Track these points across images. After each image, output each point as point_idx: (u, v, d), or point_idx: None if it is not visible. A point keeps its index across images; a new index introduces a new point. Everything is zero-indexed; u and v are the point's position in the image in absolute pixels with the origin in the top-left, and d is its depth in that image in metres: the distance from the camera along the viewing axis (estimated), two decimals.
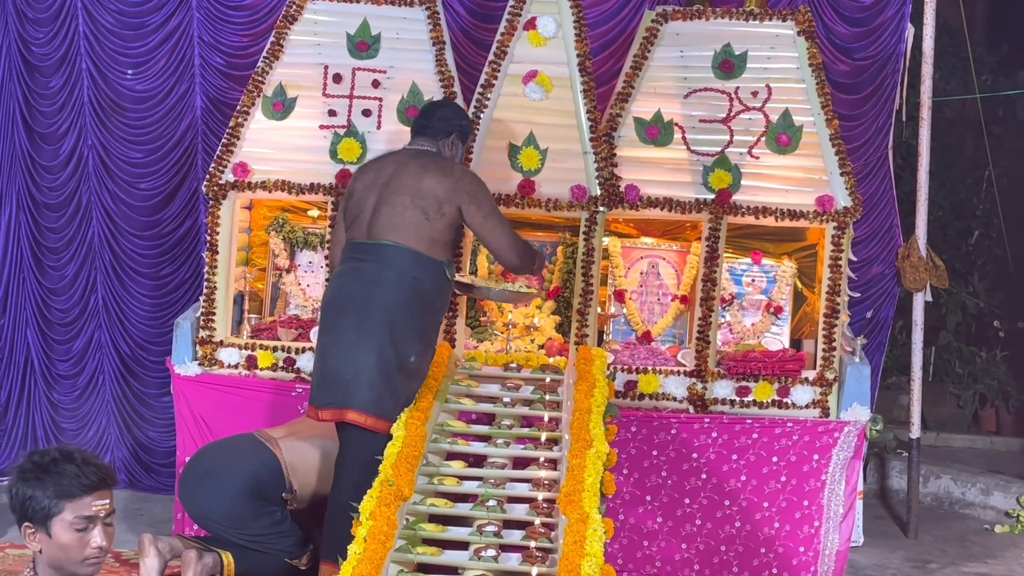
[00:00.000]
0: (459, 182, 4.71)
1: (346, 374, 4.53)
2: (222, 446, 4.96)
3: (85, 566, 2.60)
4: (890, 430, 7.25)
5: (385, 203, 4.68)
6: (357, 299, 4.59)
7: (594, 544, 3.61)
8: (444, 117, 4.92)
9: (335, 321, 4.63)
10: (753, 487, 5.31)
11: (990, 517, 6.88)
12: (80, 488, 2.58)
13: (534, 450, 4.40)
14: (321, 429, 4.82)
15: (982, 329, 8.96)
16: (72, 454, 2.64)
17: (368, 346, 4.53)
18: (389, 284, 4.60)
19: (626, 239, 5.97)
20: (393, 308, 4.56)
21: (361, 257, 4.68)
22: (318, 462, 4.85)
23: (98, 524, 2.60)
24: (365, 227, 4.70)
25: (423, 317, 4.65)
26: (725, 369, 5.48)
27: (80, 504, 2.58)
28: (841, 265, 5.50)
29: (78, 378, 6.44)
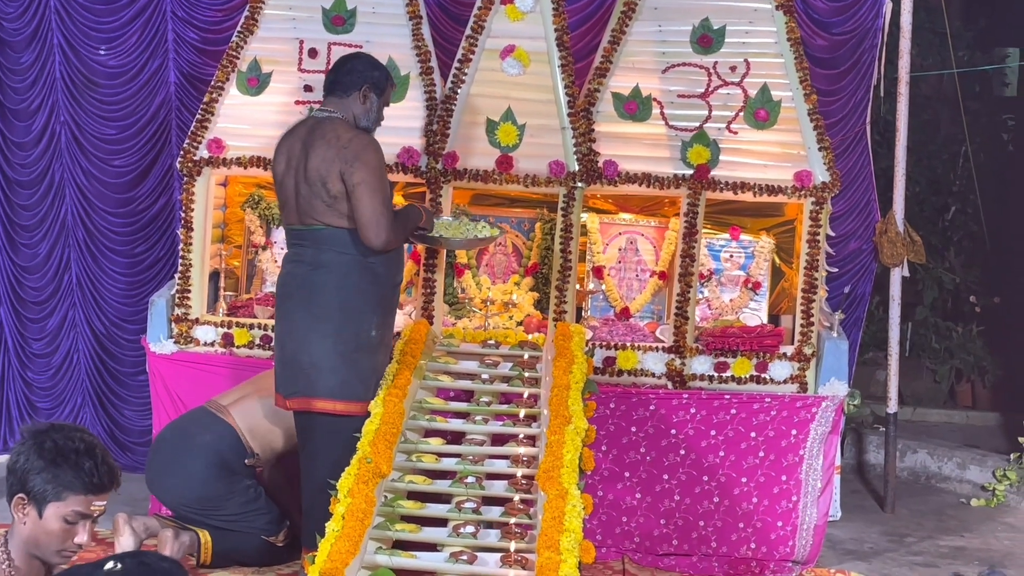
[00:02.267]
0: (343, 149, 4.40)
1: (304, 362, 4.47)
2: (177, 429, 4.93)
3: (59, 556, 2.57)
4: (867, 405, 7.28)
5: (299, 188, 4.50)
6: (302, 284, 4.51)
7: (573, 520, 3.61)
8: (353, 70, 4.60)
9: (286, 309, 4.56)
10: (731, 462, 5.32)
11: (966, 491, 6.92)
12: (88, 487, 2.54)
13: (513, 427, 4.39)
14: (272, 384, 4.76)
15: (958, 304, 9.00)
16: (94, 448, 2.58)
17: (322, 331, 4.45)
18: (331, 266, 4.48)
19: (604, 215, 5.95)
20: (341, 288, 4.47)
21: (298, 242, 4.57)
22: (274, 417, 4.82)
23: (88, 522, 2.58)
24: (294, 213, 4.55)
25: (375, 289, 4.53)
26: (703, 345, 5.48)
27: (82, 500, 2.55)
28: (819, 240, 5.50)
29: (52, 357, 6.38)
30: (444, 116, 5.46)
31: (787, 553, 5.32)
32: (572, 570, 3.38)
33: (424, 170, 5.46)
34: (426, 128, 5.49)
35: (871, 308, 7.03)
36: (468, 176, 5.45)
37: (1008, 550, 5.93)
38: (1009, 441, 7.13)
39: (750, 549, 5.32)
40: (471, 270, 5.88)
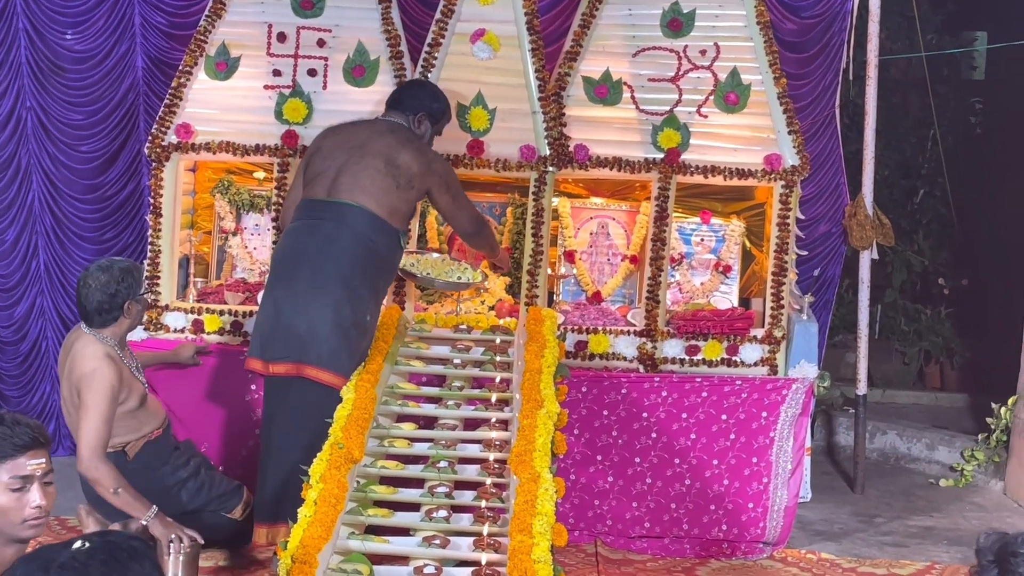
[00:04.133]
0: (432, 164, 4.84)
1: (300, 328, 4.52)
2: None
3: (26, 528, 2.55)
4: (837, 387, 7.33)
5: (354, 164, 4.71)
6: (313, 255, 4.59)
7: (545, 503, 3.62)
8: (416, 96, 5.01)
9: (289, 275, 4.60)
10: (703, 445, 5.35)
11: (935, 471, 6.99)
12: (13, 448, 2.53)
13: (485, 411, 4.39)
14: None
15: (927, 287, 9.07)
16: (2, 417, 2.59)
17: (323, 301, 4.53)
18: (346, 243, 4.61)
19: (575, 199, 5.95)
20: (349, 266, 4.57)
21: (318, 215, 4.67)
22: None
23: (35, 483, 2.56)
24: (327, 185, 4.72)
25: (377, 278, 4.70)
26: (675, 328, 5.50)
27: (15, 464, 2.53)
28: (789, 223, 5.53)
29: (20, 344, 6.33)
30: None
31: (758, 534, 5.35)
32: (544, 553, 3.39)
33: None
34: None
35: (840, 291, 7.07)
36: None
37: (976, 529, 5.98)
38: (977, 422, 7.20)
39: (721, 531, 5.35)
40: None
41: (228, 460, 5.43)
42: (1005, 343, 7.09)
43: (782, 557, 5.35)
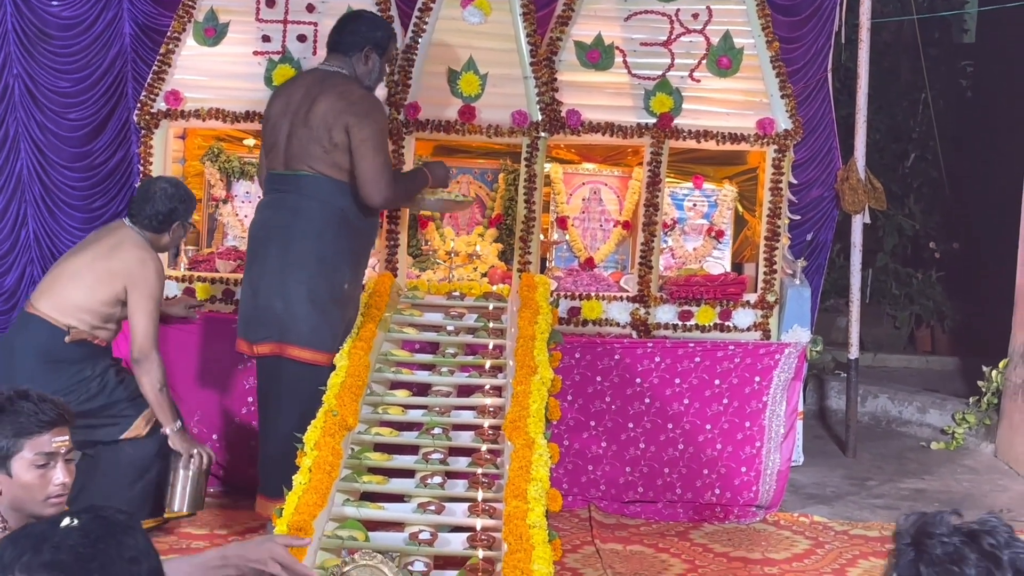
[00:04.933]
0: (351, 104, 4.49)
1: (277, 308, 4.48)
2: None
3: (48, 505, 2.54)
4: (828, 351, 7.36)
5: (299, 130, 4.55)
6: (280, 230, 4.51)
7: (540, 469, 3.62)
8: (355, 31, 4.68)
9: (260, 253, 4.56)
10: (696, 410, 5.36)
11: (926, 434, 7.02)
12: (38, 425, 2.51)
13: (479, 378, 4.39)
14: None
15: (918, 251, 9.09)
16: (27, 392, 2.57)
17: (297, 278, 4.47)
18: (312, 214, 4.51)
19: (568, 165, 5.93)
20: (319, 237, 4.49)
21: (280, 188, 4.59)
22: (77, 279, 4.61)
23: (59, 460, 2.55)
24: (281, 157, 4.60)
25: (351, 243, 4.58)
26: (667, 294, 5.50)
27: (39, 441, 2.52)
28: (781, 188, 5.52)
29: (11, 314, 6.28)
30: (405, 66, 5.40)
31: (751, 498, 5.38)
32: (539, 518, 3.39)
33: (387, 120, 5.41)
34: (388, 78, 5.43)
35: (832, 255, 7.08)
36: (430, 127, 5.40)
37: (967, 492, 6.03)
38: (968, 385, 7.23)
39: (714, 495, 5.38)
40: (435, 222, 5.85)
41: (223, 427, 5.44)
42: (996, 306, 7.11)
43: (775, 520, 5.38)
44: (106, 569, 1.41)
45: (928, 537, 1.92)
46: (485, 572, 3.31)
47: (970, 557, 1.87)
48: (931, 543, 1.91)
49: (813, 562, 4.90)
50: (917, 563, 1.91)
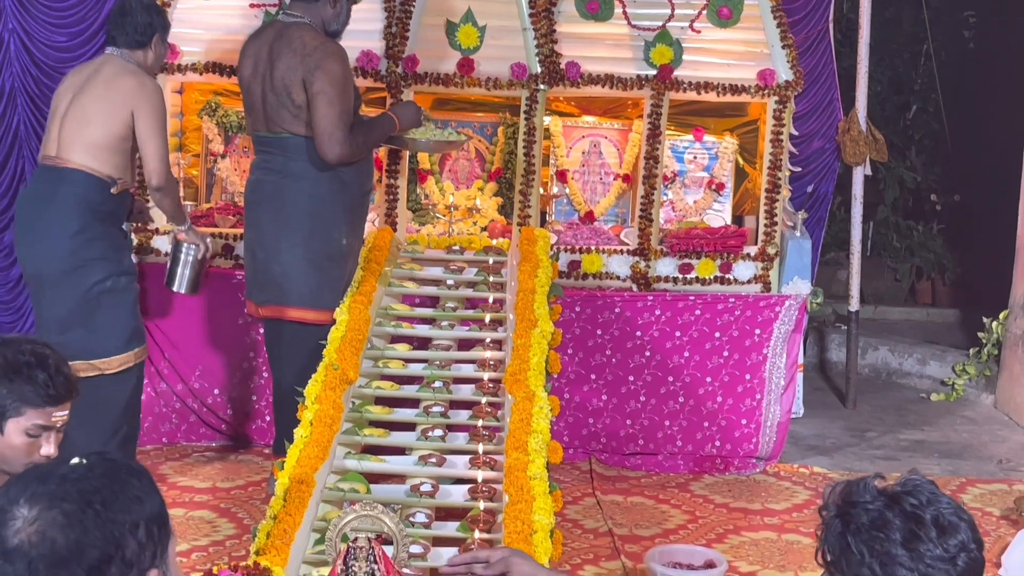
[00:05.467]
0: (305, 59, 4.36)
1: (275, 271, 4.48)
2: (30, 197, 4.58)
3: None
4: (829, 304, 7.35)
5: (266, 97, 4.47)
6: (272, 193, 4.49)
7: (540, 421, 3.63)
8: None
9: (255, 217, 4.54)
10: (696, 363, 5.37)
11: (926, 386, 7.04)
12: (45, 399, 2.50)
13: (479, 331, 4.39)
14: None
15: (919, 203, 9.06)
16: (46, 359, 2.53)
17: (292, 240, 4.45)
18: (301, 173, 4.47)
19: (567, 118, 5.90)
20: (311, 197, 4.46)
21: (267, 150, 4.55)
22: (104, 118, 4.45)
23: (52, 433, 2.55)
24: (262, 120, 4.53)
25: (345, 199, 4.53)
26: (668, 247, 5.49)
27: (41, 413, 2.51)
28: (782, 140, 5.49)
29: (11, 270, 6.27)
30: (403, 18, 5.35)
31: (751, 450, 5.40)
32: (540, 470, 3.41)
33: (384, 74, 5.37)
34: (385, 31, 5.39)
35: (833, 208, 7.05)
36: (429, 80, 5.37)
37: (967, 442, 6.05)
38: (968, 337, 7.24)
39: (715, 447, 5.40)
40: (434, 176, 5.83)
41: (224, 382, 5.45)
42: (996, 258, 7.11)
43: (775, 471, 5.40)
44: (108, 504, 1.42)
45: (852, 507, 1.92)
46: (486, 523, 3.34)
47: (894, 521, 1.87)
48: (856, 512, 1.91)
49: (813, 512, 4.92)
50: (844, 534, 1.91)
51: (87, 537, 1.40)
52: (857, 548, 1.89)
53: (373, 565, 2.22)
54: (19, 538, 1.38)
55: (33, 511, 1.40)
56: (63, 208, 4.39)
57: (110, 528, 1.41)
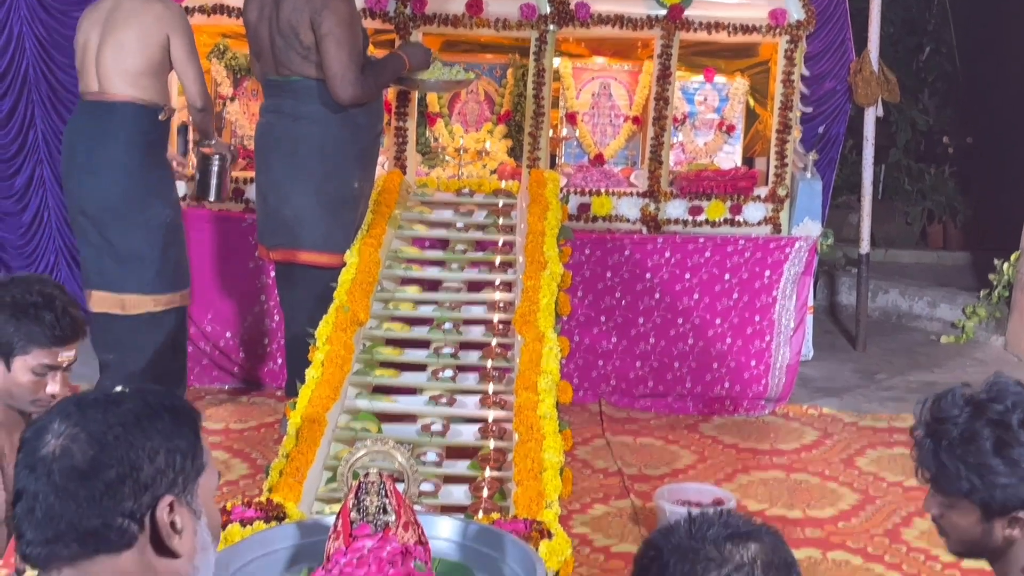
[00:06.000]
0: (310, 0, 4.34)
1: (287, 215, 4.46)
2: (79, 132, 4.61)
3: (33, 406, 2.57)
4: (839, 248, 7.34)
5: (274, 40, 4.43)
6: (283, 137, 4.46)
7: (550, 362, 3.64)
8: None
9: (267, 161, 4.52)
10: (705, 304, 5.38)
11: (936, 329, 7.04)
12: (52, 339, 2.52)
13: (489, 274, 4.40)
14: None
15: (931, 146, 9.00)
16: (53, 300, 2.54)
17: (304, 184, 4.43)
18: (312, 117, 4.43)
19: (577, 59, 5.86)
20: (322, 140, 4.43)
21: (277, 93, 4.51)
22: (140, 45, 4.50)
23: (58, 373, 2.57)
24: (271, 63, 4.49)
25: (356, 141, 4.51)
26: (678, 189, 5.48)
27: (48, 353, 2.53)
28: (794, 80, 5.46)
29: (22, 215, 6.31)
30: None
31: (760, 391, 5.42)
32: (549, 409, 3.43)
33: (392, 15, 5.34)
34: None
35: (844, 152, 7.02)
36: (438, 21, 5.33)
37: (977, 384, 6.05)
38: (979, 279, 7.22)
39: (724, 388, 5.42)
40: (443, 119, 5.81)
41: (237, 325, 5.48)
42: (1009, 200, 7.08)
43: (784, 413, 5.43)
44: (129, 429, 1.49)
45: (940, 423, 1.96)
46: (496, 462, 3.36)
47: (982, 432, 1.92)
48: (944, 428, 1.95)
49: (821, 452, 4.95)
50: (937, 452, 1.95)
51: (104, 455, 1.46)
52: (952, 464, 1.94)
53: (384, 499, 2.23)
54: (46, 450, 1.47)
55: (62, 427, 1.48)
56: (118, 142, 4.49)
57: (127, 450, 1.47)
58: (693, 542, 1.50)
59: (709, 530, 1.51)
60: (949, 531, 2.07)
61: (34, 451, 1.48)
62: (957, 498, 1.98)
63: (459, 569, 2.38)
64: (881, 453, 4.95)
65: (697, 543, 1.50)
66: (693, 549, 1.49)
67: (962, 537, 2.05)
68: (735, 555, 1.48)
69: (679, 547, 1.50)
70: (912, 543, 4.08)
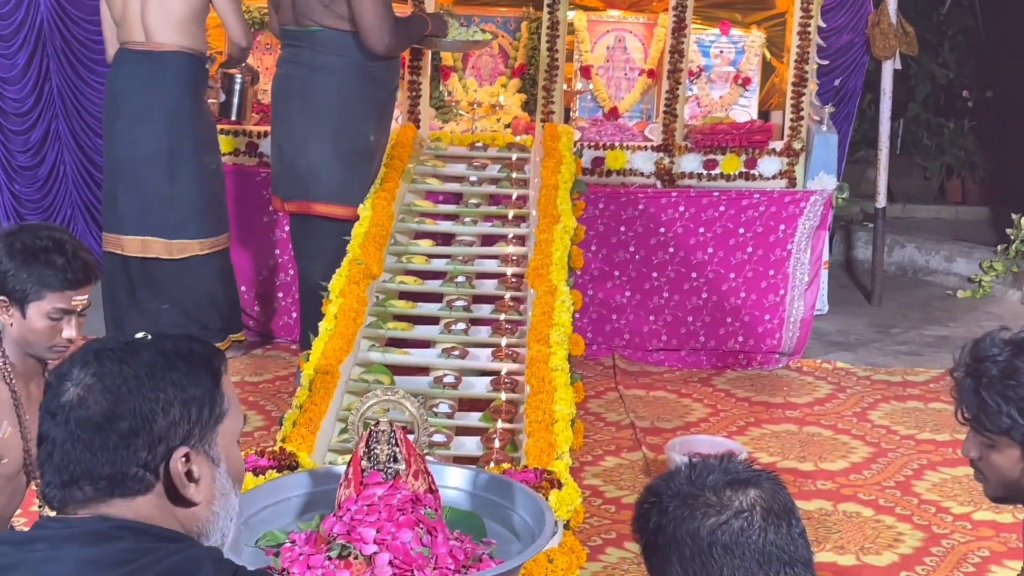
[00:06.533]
0: None
1: (303, 166, 4.47)
2: (127, 82, 4.84)
3: (51, 352, 2.60)
4: (856, 203, 7.31)
5: None
6: (301, 88, 4.46)
7: (562, 314, 3.66)
8: None
9: (283, 112, 4.53)
10: (720, 259, 5.37)
11: (953, 283, 7.01)
12: (64, 283, 2.55)
13: (502, 227, 4.40)
14: None
15: (951, 100, 8.91)
16: (63, 244, 2.57)
17: (321, 134, 4.44)
18: (330, 68, 4.43)
19: (591, 12, 5.82)
20: (340, 92, 4.43)
21: (295, 43, 4.51)
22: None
23: (73, 317, 2.60)
24: (289, 12, 4.48)
25: (374, 94, 4.52)
26: (692, 143, 5.46)
27: (61, 297, 2.56)
28: (810, 32, 5.41)
29: (39, 169, 6.33)
30: None
31: (774, 345, 5.42)
32: (561, 361, 3.44)
33: None
34: None
35: (862, 106, 6.97)
36: None
37: None
38: (997, 234, 7.18)
39: (737, 343, 5.43)
40: (457, 72, 5.79)
41: (251, 279, 5.50)
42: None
43: (797, 367, 5.44)
44: (143, 381, 1.50)
45: (981, 362, 1.99)
46: (508, 414, 3.38)
47: (1022, 367, 1.94)
48: (984, 366, 1.98)
49: (834, 406, 4.96)
50: (978, 390, 1.98)
51: (118, 407, 1.48)
52: (992, 400, 1.96)
53: (395, 448, 2.26)
54: (65, 397, 1.49)
55: (81, 375, 1.50)
56: (170, 90, 4.76)
57: (140, 403, 1.48)
58: (693, 488, 1.51)
59: (709, 476, 1.52)
60: (988, 474, 2.09)
61: (55, 397, 1.51)
62: (997, 436, 2.01)
63: (469, 517, 2.41)
64: (894, 407, 4.96)
65: (697, 489, 1.51)
66: (693, 495, 1.50)
67: (1001, 479, 2.07)
68: (734, 501, 1.48)
69: (679, 493, 1.52)
70: (924, 495, 4.10)
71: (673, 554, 1.50)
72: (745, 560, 1.46)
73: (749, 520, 1.47)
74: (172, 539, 1.49)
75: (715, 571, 1.47)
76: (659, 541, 1.51)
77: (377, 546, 2.12)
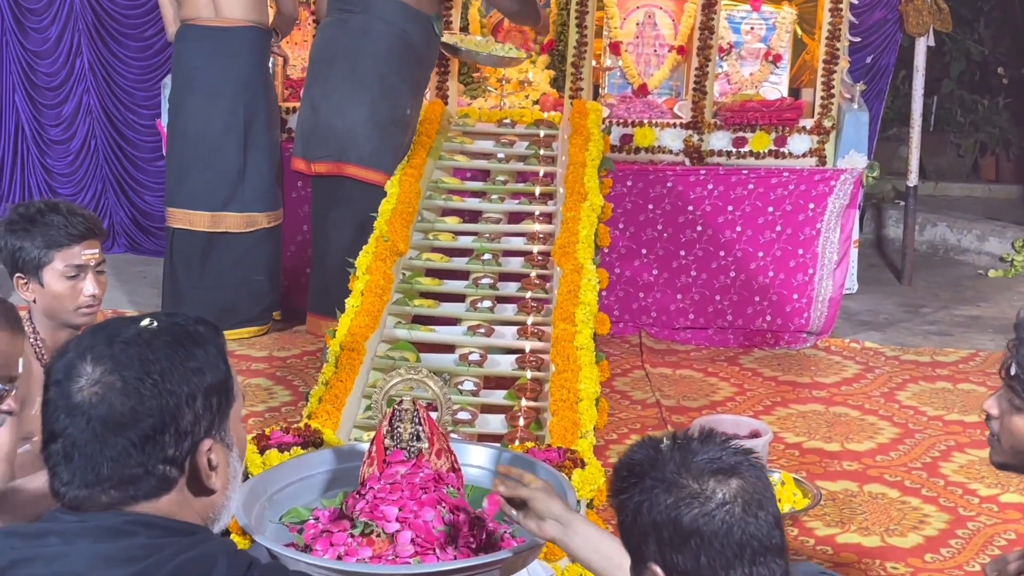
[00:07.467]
0: None
1: (339, 127, 4.53)
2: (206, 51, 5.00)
3: (79, 315, 2.64)
4: (888, 181, 7.24)
5: None
6: (347, 50, 4.53)
7: (588, 293, 3.66)
8: None
9: (325, 73, 4.58)
10: (748, 237, 5.35)
11: (984, 262, 6.95)
12: (68, 237, 2.60)
13: (529, 205, 4.40)
14: None
15: (986, 77, 8.80)
16: (57, 205, 2.66)
17: (361, 98, 4.51)
18: (379, 35, 4.53)
19: None
20: (384, 60, 4.51)
21: (348, 8, 4.59)
22: None
23: (89, 273, 2.63)
24: None
25: (413, 69, 4.62)
26: (722, 120, 5.42)
27: (69, 253, 2.61)
28: (842, 9, 5.35)
29: (70, 143, 6.38)
30: None
31: (802, 324, 5.40)
32: (587, 340, 3.44)
33: None
34: None
35: (896, 83, 6.89)
36: None
37: None
38: None
39: (765, 321, 5.41)
40: None
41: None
42: None
43: (825, 346, 5.41)
44: (166, 375, 1.46)
45: None
46: (533, 392, 3.39)
47: None
48: None
49: (862, 386, 4.94)
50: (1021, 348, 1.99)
51: (143, 406, 1.44)
52: None
53: (418, 426, 2.27)
54: (81, 395, 1.44)
55: (96, 372, 1.45)
56: (244, 65, 4.93)
57: (166, 399, 1.45)
58: (676, 475, 1.52)
59: (693, 460, 1.53)
60: (1003, 436, 2.11)
61: (68, 394, 1.45)
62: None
63: None
64: (923, 387, 4.93)
65: (680, 476, 1.52)
66: (676, 483, 1.52)
67: (1015, 444, 2.10)
68: (717, 493, 1.50)
69: (663, 479, 1.53)
70: (950, 477, 4.08)
71: (650, 535, 1.52)
72: (724, 550, 1.49)
73: (730, 512, 1.49)
74: (186, 532, 1.47)
75: (691, 556, 1.49)
76: (638, 520, 1.54)
77: (399, 524, 2.13)
